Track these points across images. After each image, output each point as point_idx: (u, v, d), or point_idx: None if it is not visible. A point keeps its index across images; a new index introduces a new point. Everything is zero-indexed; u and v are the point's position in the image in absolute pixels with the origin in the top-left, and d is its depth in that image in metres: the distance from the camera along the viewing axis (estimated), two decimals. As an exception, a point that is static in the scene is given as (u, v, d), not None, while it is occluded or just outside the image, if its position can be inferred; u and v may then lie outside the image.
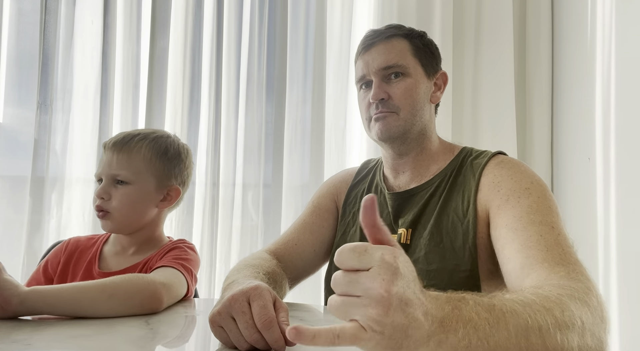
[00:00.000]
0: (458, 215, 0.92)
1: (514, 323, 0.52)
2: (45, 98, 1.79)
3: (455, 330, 0.48)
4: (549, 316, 0.54)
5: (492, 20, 2.06)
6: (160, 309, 0.85)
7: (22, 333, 0.70)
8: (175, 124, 1.92)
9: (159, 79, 1.91)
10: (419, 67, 1.00)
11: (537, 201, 0.84)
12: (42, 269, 1.07)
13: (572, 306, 0.58)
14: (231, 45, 1.98)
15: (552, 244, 0.76)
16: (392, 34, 1.00)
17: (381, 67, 0.98)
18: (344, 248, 0.47)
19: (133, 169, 1.01)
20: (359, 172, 1.15)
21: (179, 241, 1.07)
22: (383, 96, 0.97)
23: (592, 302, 0.62)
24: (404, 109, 0.97)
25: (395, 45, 0.99)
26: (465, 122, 2.05)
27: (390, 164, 1.05)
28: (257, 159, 1.98)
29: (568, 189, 1.95)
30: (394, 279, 0.45)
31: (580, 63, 1.92)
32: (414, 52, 1.00)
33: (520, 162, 0.95)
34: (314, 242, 1.08)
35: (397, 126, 0.97)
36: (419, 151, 1.02)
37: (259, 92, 2.00)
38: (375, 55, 0.99)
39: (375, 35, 1.01)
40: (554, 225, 0.80)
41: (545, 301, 0.57)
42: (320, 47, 2.03)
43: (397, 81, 0.98)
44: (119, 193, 1.01)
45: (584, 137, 1.85)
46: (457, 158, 1.01)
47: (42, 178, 1.76)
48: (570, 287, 0.63)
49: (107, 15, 1.88)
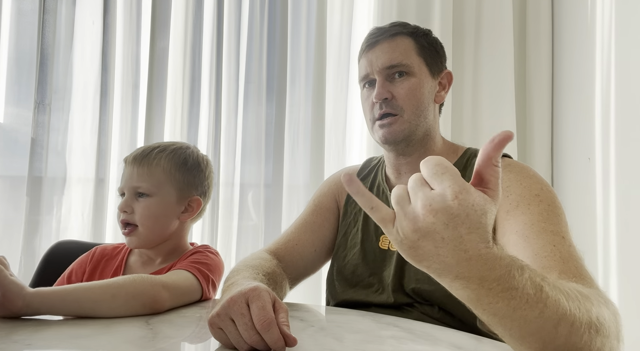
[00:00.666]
0: None
1: (552, 308, 0.51)
2: (43, 98, 1.79)
3: (489, 288, 0.49)
4: (582, 311, 0.53)
5: (492, 20, 2.06)
6: (162, 310, 0.85)
7: (23, 333, 0.70)
8: (175, 124, 1.92)
9: (159, 79, 1.91)
10: (423, 66, 0.98)
11: (548, 209, 0.82)
12: (66, 278, 1.08)
13: (606, 313, 0.57)
14: (231, 45, 1.98)
15: (567, 256, 0.74)
16: (397, 32, 0.98)
17: (385, 66, 0.96)
18: (430, 159, 0.49)
19: (153, 181, 1.02)
20: (360, 171, 1.14)
21: (201, 247, 1.07)
22: (387, 95, 0.95)
23: (612, 311, 0.61)
24: (408, 109, 0.95)
25: (399, 43, 0.97)
26: (465, 122, 2.05)
27: (392, 164, 1.04)
28: (257, 159, 1.98)
29: (568, 189, 1.95)
30: (439, 210, 0.46)
31: (580, 63, 1.92)
32: (418, 50, 0.98)
33: (528, 167, 0.93)
34: (314, 241, 1.07)
35: (402, 129, 0.95)
36: (422, 152, 0.99)
37: (259, 92, 2.00)
38: (379, 54, 0.97)
39: (380, 33, 0.99)
40: (564, 236, 0.78)
41: (586, 300, 0.56)
42: (320, 47, 2.03)
43: (401, 80, 0.96)
44: (141, 206, 1.02)
45: (584, 137, 1.85)
46: (462, 159, 0.99)
47: (40, 178, 1.76)
48: (599, 295, 0.62)
49: (106, 15, 1.87)
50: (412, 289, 0.92)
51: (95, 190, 1.79)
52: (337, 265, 1.05)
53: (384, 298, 0.95)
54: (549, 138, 2.08)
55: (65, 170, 1.80)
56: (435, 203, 0.46)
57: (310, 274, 1.10)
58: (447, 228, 0.46)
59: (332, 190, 1.13)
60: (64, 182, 1.80)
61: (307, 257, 1.06)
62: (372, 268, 0.99)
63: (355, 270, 1.01)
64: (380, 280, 0.97)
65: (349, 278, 1.02)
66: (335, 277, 1.04)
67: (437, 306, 0.90)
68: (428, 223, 0.46)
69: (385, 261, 0.98)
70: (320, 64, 2.03)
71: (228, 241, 1.92)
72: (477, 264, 0.48)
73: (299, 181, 2.01)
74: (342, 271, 1.03)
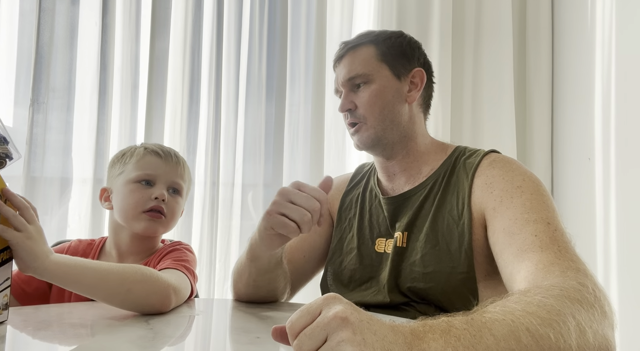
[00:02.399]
0: (453, 217, 0.92)
1: (497, 328, 0.50)
2: (37, 96, 1.78)
3: (432, 339, 0.47)
4: (533, 317, 0.53)
5: (492, 20, 2.06)
6: (167, 310, 0.85)
7: (23, 332, 0.70)
8: (175, 124, 1.91)
9: (159, 79, 1.90)
10: (385, 70, 0.99)
11: (531, 198, 0.83)
12: None
13: (558, 306, 0.56)
14: (231, 45, 1.98)
15: (547, 243, 0.75)
16: (358, 42, 1.01)
17: (346, 79, 1.00)
18: (291, 319, 0.48)
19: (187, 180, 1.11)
20: (352, 177, 1.15)
21: (176, 243, 1.08)
22: (349, 106, 0.99)
23: (587, 298, 0.61)
24: (370, 116, 0.98)
25: (359, 54, 1.00)
26: (465, 122, 2.05)
27: (381, 167, 1.05)
28: (257, 159, 1.98)
29: (568, 189, 1.95)
30: (344, 309, 0.46)
31: (580, 63, 1.92)
32: (380, 56, 1.00)
33: (512, 160, 0.94)
34: (303, 248, 1.08)
35: (368, 135, 0.99)
36: (405, 153, 1.01)
37: (259, 92, 1.99)
38: (342, 67, 1.01)
39: (344, 46, 1.03)
40: (549, 221, 0.79)
41: (528, 306, 0.56)
42: (320, 47, 2.03)
43: (362, 89, 0.99)
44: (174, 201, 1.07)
45: (584, 137, 1.85)
46: (450, 158, 0.99)
47: (37, 178, 1.75)
48: (561, 287, 0.62)
49: (105, 14, 1.87)
50: (408, 288, 0.93)
51: (93, 190, 1.79)
52: (333, 270, 1.06)
53: (380, 299, 0.96)
54: (549, 138, 2.08)
55: (63, 170, 1.79)
56: (335, 307, 0.47)
57: (302, 282, 1.11)
58: (360, 313, 0.47)
59: None
60: (62, 182, 1.79)
61: (297, 263, 1.07)
62: (369, 271, 1.00)
63: (353, 275, 1.02)
64: (377, 282, 0.98)
65: (346, 283, 1.03)
66: (332, 282, 1.05)
67: (434, 304, 0.91)
68: (352, 314, 0.46)
69: (381, 263, 0.99)
70: (320, 64, 2.03)
71: (228, 241, 1.91)
72: (397, 325, 0.49)
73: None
74: (338, 276, 1.04)
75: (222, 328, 0.84)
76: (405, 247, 0.96)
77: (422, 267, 0.91)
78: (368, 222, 1.04)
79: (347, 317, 0.45)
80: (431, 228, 0.93)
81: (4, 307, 0.74)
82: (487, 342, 0.49)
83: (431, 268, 0.91)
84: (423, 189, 0.98)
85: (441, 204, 0.94)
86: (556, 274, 0.68)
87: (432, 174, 0.99)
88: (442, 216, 0.93)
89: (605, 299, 0.64)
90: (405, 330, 0.48)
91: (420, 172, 1.01)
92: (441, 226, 0.92)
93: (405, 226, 0.96)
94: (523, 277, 0.72)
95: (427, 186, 0.98)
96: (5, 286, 0.74)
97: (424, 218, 0.95)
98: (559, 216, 0.82)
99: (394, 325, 0.48)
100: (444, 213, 0.93)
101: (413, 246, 0.95)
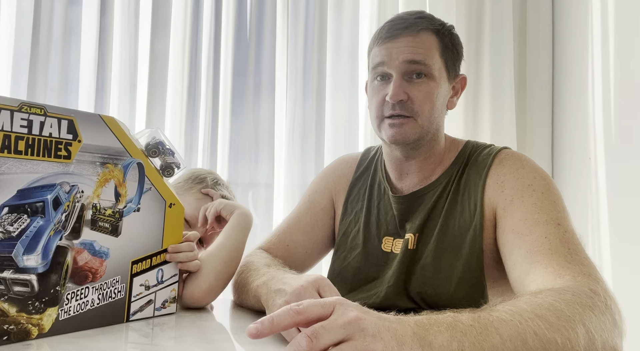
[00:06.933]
0: (465, 219, 0.89)
1: (505, 328, 0.50)
2: (35, 96, 1.77)
3: (438, 332, 0.47)
4: (541, 321, 0.52)
5: (492, 20, 2.06)
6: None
7: (20, 333, 0.69)
8: (174, 123, 1.91)
9: (158, 79, 1.90)
10: (443, 69, 0.92)
11: (542, 197, 0.81)
12: None
13: (568, 311, 0.55)
14: (229, 45, 1.98)
15: (557, 245, 0.73)
16: (423, 27, 0.90)
17: (406, 60, 0.88)
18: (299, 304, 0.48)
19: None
20: (359, 163, 1.08)
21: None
22: (403, 97, 0.88)
23: (598, 306, 0.59)
24: (423, 114, 0.89)
25: (424, 40, 0.89)
26: (465, 122, 2.05)
27: (394, 165, 0.99)
28: (256, 158, 1.98)
29: (568, 188, 1.95)
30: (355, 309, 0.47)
31: (580, 63, 1.91)
32: (442, 51, 0.91)
33: (523, 156, 0.91)
34: (306, 243, 1.05)
35: (414, 132, 0.90)
36: (427, 155, 0.95)
37: (258, 91, 1.99)
38: (402, 47, 0.88)
39: (403, 24, 0.90)
40: (560, 221, 0.77)
41: (538, 308, 0.55)
42: (320, 47, 2.03)
43: (419, 82, 0.89)
44: None
45: (584, 137, 1.85)
46: (462, 155, 0.96)
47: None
48: (573, 292, 0.60)
49: (104, 14, 1.87)
50: (417, 293, 0.90)
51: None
52: (337, 265, 1.02)
53: (385, 302, 0.92)
54: (549, 138, 2.08)
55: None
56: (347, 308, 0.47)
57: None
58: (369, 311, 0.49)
59: (328, 187, 1.08)
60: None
61: (299, 258, 1.04)
62: (375, 271, 0.96)
63: (357, 273, 0.98)
64: (381, 283, 0.94)
65: (349, 281, 0.99)
66: (335, 278, 1.00)
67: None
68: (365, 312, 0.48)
69: (387, 263, 0.95)
70: (320, 64, 2.02)
71: (227, 241, 1.91)
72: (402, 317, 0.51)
73: (296, 181, 2.00)
74: (341, 272, 1.00)
75: (222, 328, 0.84)
76: (415, 249, 0.92)
77: (433, 270, 0.88)
78: (375, 218, 0.99)
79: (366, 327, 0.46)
80: (442, 231, 0.90)
81: (172, 300, 0.83)
82: (493, 341, 0.49)
83: (442, 271, 0.88)
84: (436, 188, 0.94)
85: (453, 205, 0.91)
86: (566, 279, 0.66)
87: (444, 172, 0.95)
88: (453, 217, 0.90)
89: (615, 307, 0.63)
90: (410, 321, 0.49)
91: (433, 171, 0.96)
92: (452, 228, 0.89)
93: (417, 228, 0.92)
94: (532, 280, 0.71)
95: (440, 185, 0.94)
96: (173, 282, 0.83)
97: (435, 220, 0.91)
98: (569, 215, 0.80)
99: (400, 318, 0.50)
100: (455, 214, 0.90)
101: (423, 249, 0.91)
